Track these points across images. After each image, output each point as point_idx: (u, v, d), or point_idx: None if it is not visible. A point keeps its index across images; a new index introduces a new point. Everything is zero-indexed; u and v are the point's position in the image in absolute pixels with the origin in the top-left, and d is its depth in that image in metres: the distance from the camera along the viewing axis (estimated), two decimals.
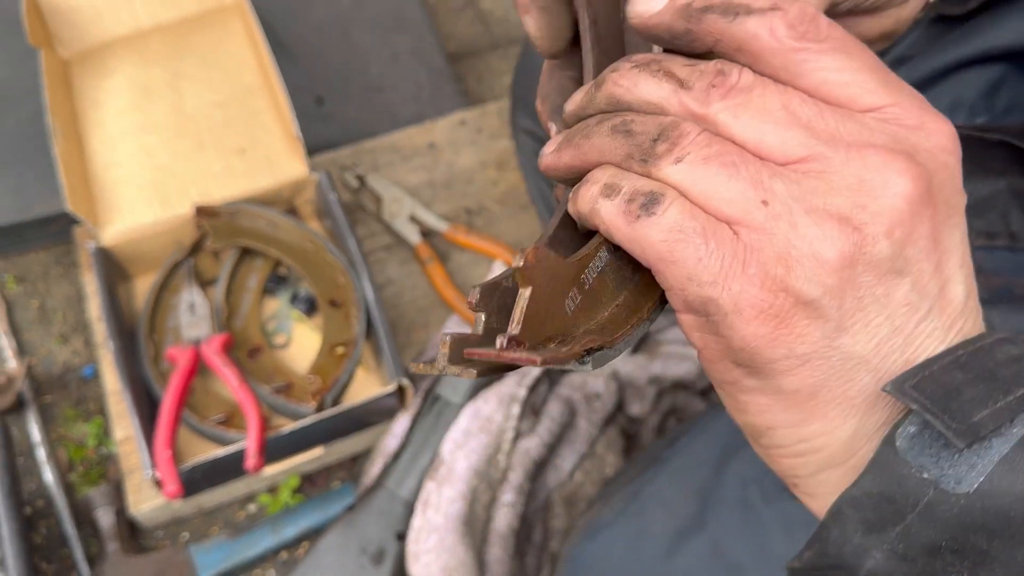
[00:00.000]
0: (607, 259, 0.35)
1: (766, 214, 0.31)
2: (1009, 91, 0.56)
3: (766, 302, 0.31)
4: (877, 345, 0.32)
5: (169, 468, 0.79)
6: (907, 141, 0.33)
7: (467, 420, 0.85)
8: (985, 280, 0.55)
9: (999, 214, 0.56)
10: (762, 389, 0.33)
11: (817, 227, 0.30)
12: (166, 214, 0.94)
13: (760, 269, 0.31)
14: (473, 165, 1.08)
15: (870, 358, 0.32)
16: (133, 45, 1.05)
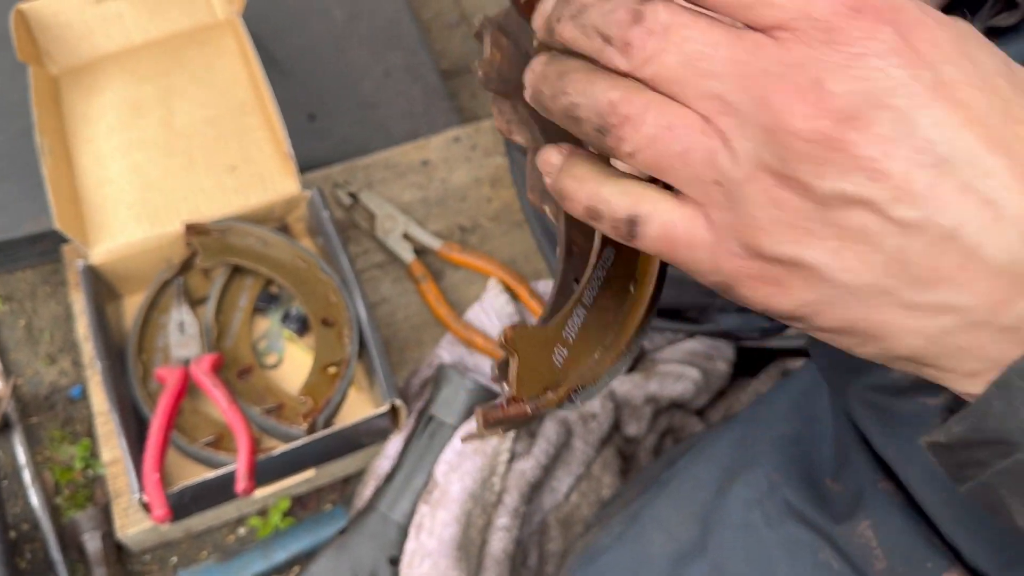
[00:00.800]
0: (584, 315, 0.39)
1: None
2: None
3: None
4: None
5: (157, 491, 0.78)
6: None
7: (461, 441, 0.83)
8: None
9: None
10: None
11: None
12: (156, 232, 0.93)
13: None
14: (467, 182, 1.07)
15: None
16: (124, 61, 1.04)
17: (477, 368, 0.94)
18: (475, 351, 0.95)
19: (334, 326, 0.90)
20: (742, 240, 0.30)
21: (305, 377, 0.89)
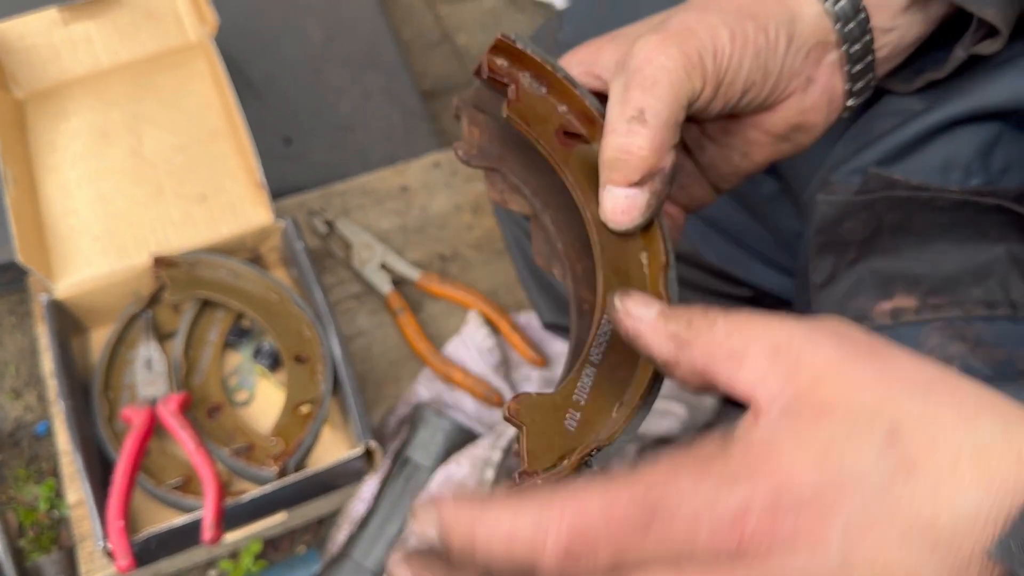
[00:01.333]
0: (594, 374, 0.38)
1: None
2: (1005, 150, 0.53)
3: None
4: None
5: (121, 539, 0.75)
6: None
7: (438, 485, 0.80)
8: (987, 353, 0.51)
9: (998, 282, 0.53)
10: None
11: None
12: (123, 264, 0.90)
13: None
14: (447, 209, 1.04)
15: None
16: (92, 86, 1.01)
17: (456, 405, 0.91)
18: (455, 387, 0.92)
19: (307, 362, 0.87)
20: None
21: (277, 415, 0.86)
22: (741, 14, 0.44)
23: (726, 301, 0.79)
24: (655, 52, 0.42)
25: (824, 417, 0.31)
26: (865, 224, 0.54)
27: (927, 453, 0.30)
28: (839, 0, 0.46)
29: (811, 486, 0.30)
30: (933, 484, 0.30)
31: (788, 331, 0.33)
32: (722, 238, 0.73)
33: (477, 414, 0.91)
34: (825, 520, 0.30)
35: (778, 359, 0.32)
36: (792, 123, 0.49)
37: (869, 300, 0.55)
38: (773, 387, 0.32)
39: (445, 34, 1.31)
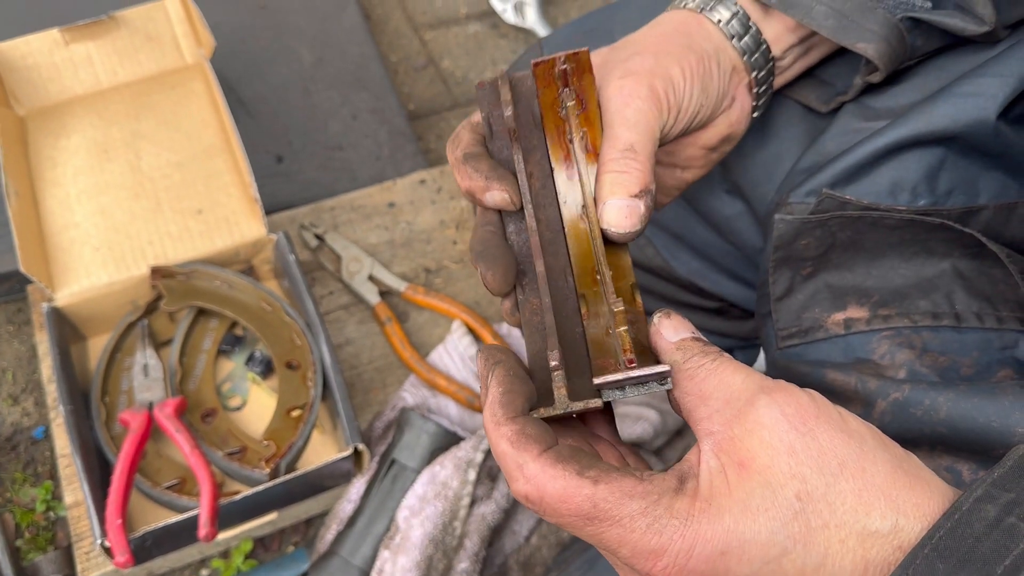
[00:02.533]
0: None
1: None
2: (949, 173, 0.58)
3: None
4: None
5: (119, 537, 0.78)
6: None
7: (423, 486, 0.84)
8: (932, 360, 0.56)
9: (943, 295, 0.58)
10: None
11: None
12: (121, 275, 0.94)
13: None
14: (433, 224, 1.09)
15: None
16: (92, 104, 1.05)
17: (440, 411, 0.96)
18: (439, 393, 0.97)
19: (298, 369, 0.91)
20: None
21: (268, 420, 0.90)
22: (684, 50, 0.53)
23: (696, 312, 0.83)
24: (631, 96, 0.50)
25: (744, 471, 0.37)
26: (819, 241, 0.59)
27: (822, 529, 0.36)
28: (743, 37, 0.55)
29: (721, 547, 0.36)
30: (821, 557, 0.36)
31: (746, 385, 0.39)
32: (691, 254, 0.78)
33: (460, 419, 0.95)
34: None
35: (728, 406, 0.39)
36: (722, 136, 0.57)
37: (824, 311, 0.60)
38: (714, 426, 0.39)
39: (430, 58, 1.36)
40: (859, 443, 0.37)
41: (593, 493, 0.37)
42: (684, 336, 0.43)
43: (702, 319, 0.84)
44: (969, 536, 0.35)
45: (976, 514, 0.35)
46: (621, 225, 0.48)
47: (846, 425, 0.38)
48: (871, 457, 0.37)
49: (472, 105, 1.31)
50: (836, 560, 0.36)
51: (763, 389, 0.39)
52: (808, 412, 0.38)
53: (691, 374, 0.41)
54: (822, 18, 0.55)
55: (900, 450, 0.39)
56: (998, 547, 0.34)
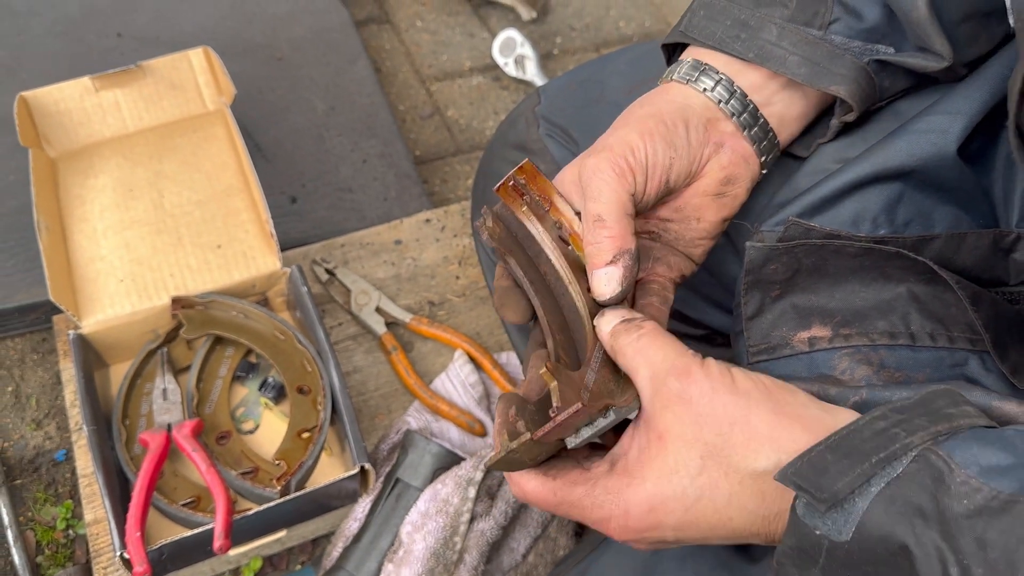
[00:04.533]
0: (594, 378, 0.51)
1: None
2: (907, 206, 0.63)
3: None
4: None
5: (138, 548, 0.83)
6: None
7: (425, 503, 0.89)
8: (888, 375, 0.61)
9: (900, 316, 0.63)
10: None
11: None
12: (144, 305, 0.99)
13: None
14: (437, 261, 1.15)
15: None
16: (118, 147, 1.13)
17: (442, 434, 1.01)
18: (441, 418, 1.02)
19: (309, 394, 0.97)
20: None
21: (280, 442, 0.95)
22: (645, 118, 0.60)
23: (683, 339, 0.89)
24: (595, 171, 0.58)
25: (661, 442, 0.48)
26: (786, 267, 0.64)
27: (723, 477, 0.47)
28: (714, 88, 0.62)
29: (648, 506, 0.48)
30: (727, 497, 0.47)
31: (664, 363, 0.50)
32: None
33: (461, 442, 1.00)
34: (659, 529, 0.49)
35: (650, 383, 0.50)
36: (720, 179, 0.62)
37: (790, 330, 0.65)
38: (644, 397, 0.50)
39: (436, 108, 1.44)
40: (745, 400, 0.47)
41: (553, 487, 0.51)
42: (615, 323, 0.53)
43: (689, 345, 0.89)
44: (858, 439, 0.44)
45: (868, 426, 0.44)
46: (602, 293, 0.56)
47: (736, 387, 0.48)
48: (755, 410, 0.47)
49: (474, 151, 1.39)
50: (738, 498, 0.47)
51: (673, 369, 0.49)
52: (705, 385, 0.48)
53: (622, 352, 0.52)
54: (796, 67, 0.61)
55: (786, 395, 0.48)
56: (877, 446, 0.43)
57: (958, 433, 0.44)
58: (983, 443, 0.43)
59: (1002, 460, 0.42)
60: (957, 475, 0.42)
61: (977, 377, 0.61)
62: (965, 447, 0.43)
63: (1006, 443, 0.43)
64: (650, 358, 0.50)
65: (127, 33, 1.37)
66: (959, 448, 0.43)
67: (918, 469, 0.42)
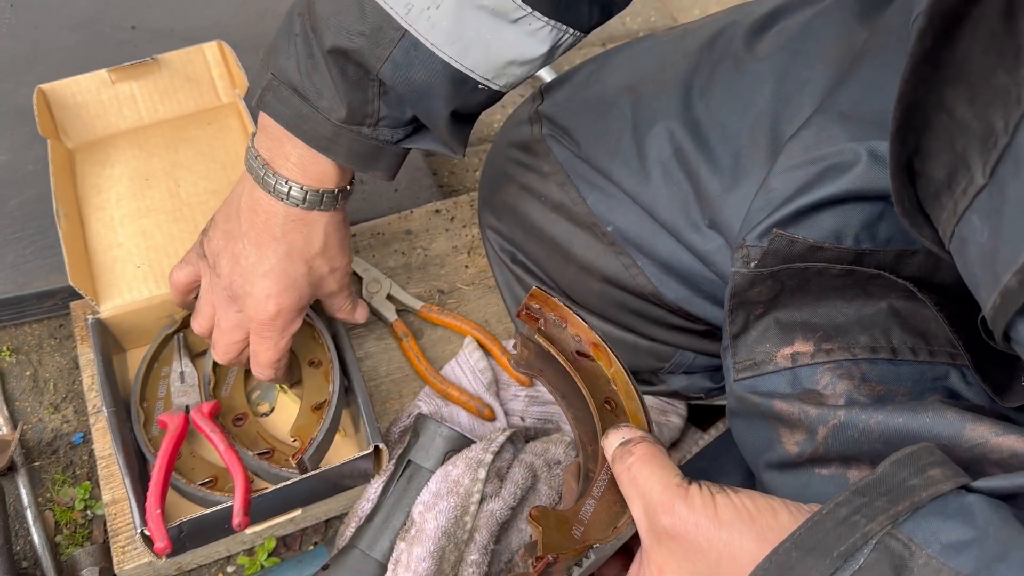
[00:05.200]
0: (595, 504, 0.57)
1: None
2: (887, 224, 0.63)
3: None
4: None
5: (159, 525, 0.85)
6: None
7: (436, 483, 0.91)
8: (869, 388, 0.63)
9: (881, 331, 0.64)
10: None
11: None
12: (161, 290, 1.02)
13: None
14: (447, 250, 1.17)
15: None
16: (134, 138, 1.15)
17: (452, 418, 1.03)
18: (451, 403, 1.04)
19: (320, 367, 0.99)
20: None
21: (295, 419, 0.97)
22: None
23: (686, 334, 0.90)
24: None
25: (662, 573, 0.51)
26: (771, 288, 0.65)
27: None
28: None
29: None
30: None
31: (653, 495, 0.52)
32: (678, 281, 0.84)
33: (471, 427, 1.02)
34: None
35: (645, 515, 0.53)
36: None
37: (773, 346, 0.66)
38: (641, 526, 0.54)
39: None
40: (728, 531, 0.49)
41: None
42: (615, 445, 0.57)
43: (691, 340, 0.90)
44: (821, 531, 0.45)
45: (831, 515, 0.45)
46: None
47: (719, 519, 0.50)
48: (739, 540, 0.49)
49: (483, 144, 1.41)
50: None
51: (660, 505, 0.52)
52: (690, 520, 0.50)
53: (620, 478, 0.55)
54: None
55: (768, 519, 0.50)
56: (839, 537, 0.44)
57: (920, 508, 0.45)
58: (943, 517, 0.44)
59: (962, 535, 0.42)
60: (918, 557, 0.42)
61: (958, 390, 0.62)
62: (926, 525, 0.44)
63: (967, 515, 0.43)
64: (640, 489, 0.54)
65: (141, 26, 1.39)
66: (920, 527, 0.44)
67: (878, 559, 0.43)
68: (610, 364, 0.65)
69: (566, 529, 0.54)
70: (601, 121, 0.85)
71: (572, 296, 0.93)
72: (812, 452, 0.62)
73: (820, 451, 0.61)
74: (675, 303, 0.84)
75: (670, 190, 0.77)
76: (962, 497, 0.45)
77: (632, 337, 0.92)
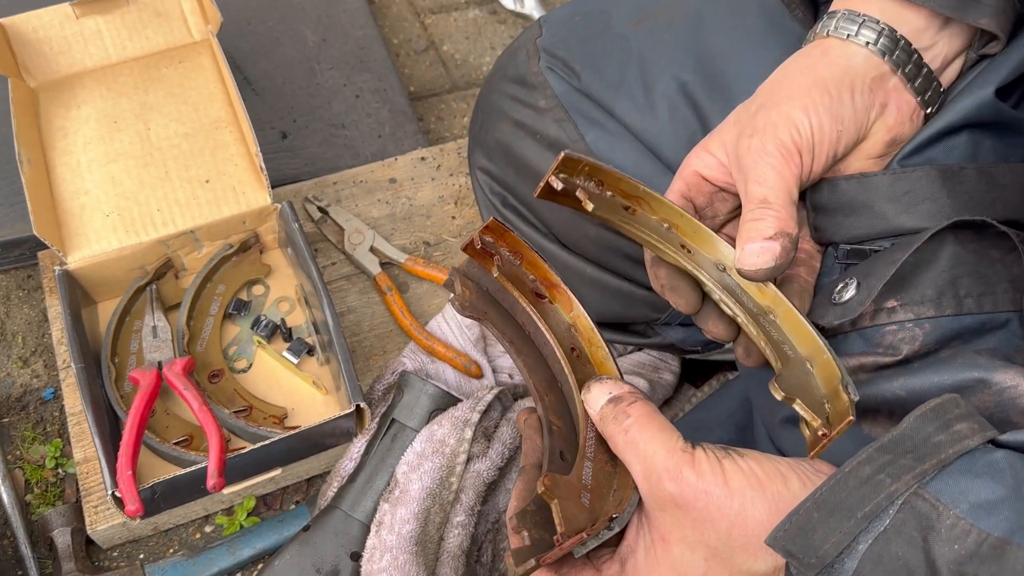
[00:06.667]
0: (592, 467, 0.52)
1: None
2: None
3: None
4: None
5: (130, 487, 0.81)
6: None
7: (421, 443, 0.88)
8: (927, 350, 0.58)
9: (948, 281, 0.60)
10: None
11: None
12: (131, 240, 0.97)
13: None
14: (432, 200, 1.12)
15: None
16: (102, 77, 1.08)
17: (438, 375, 0.99)
18: (437, 359, 1.00)
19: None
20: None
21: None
22: (806, 90, 0.56)
23: None
24: (759, 154, 0.55)
25: (665, 544, 0.49)
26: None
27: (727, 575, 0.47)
28: (877, 41, 0.57)
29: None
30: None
31: (656, 459, 0.49)
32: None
33: (457, 384, 0.99)
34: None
35: (646, 479, 0.49)
36: (885, 142, 0.59)
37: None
38: (642, 490, 0.50)
39: (431, 42, 1.40)
40: (740, 499, 0.47)
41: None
42: (602, 403, 0.52)
43: None
44: (843, 491, 0.43)
45: (854, 473, 0.43)
46: (751, 264, 0.53)
47: (728, 485, 0.47)
48: (750, 509, 0.46)
49: (471, 88, 1.35)
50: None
51: (666, 471, 0.48)
52: (699, 487, 0.47)
53: (612, 441, 0.51)
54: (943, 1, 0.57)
55: (779, 486, 0.47)
56: (863, 497, 0.42)
57: (947, 465, 0.43)
58: (971, 475, 0.42)
59: (991, 494, 0.41)
60: (946, 517, 0.41)
61: (1016, 336, 0.59)
62: (953, 483, 0.42)
63: (996, 472, 0.42)
64: (641, 453, 0.50)
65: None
66: (947, 486, 0.42)
67: (904, 520, 0.42)
68: (570, 307, 0.60)
69: (576, 498, 0.49)
70: (605, 53, 0.80)
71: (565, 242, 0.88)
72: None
73: None
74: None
75: (676, 126, 0.73)
76: (990, 453, 0.43)
77: (628, 286, 0.88)
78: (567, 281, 0.59)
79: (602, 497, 0.51)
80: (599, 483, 0.51)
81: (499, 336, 0.58)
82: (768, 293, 0.56)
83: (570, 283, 0.59)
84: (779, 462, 0.49)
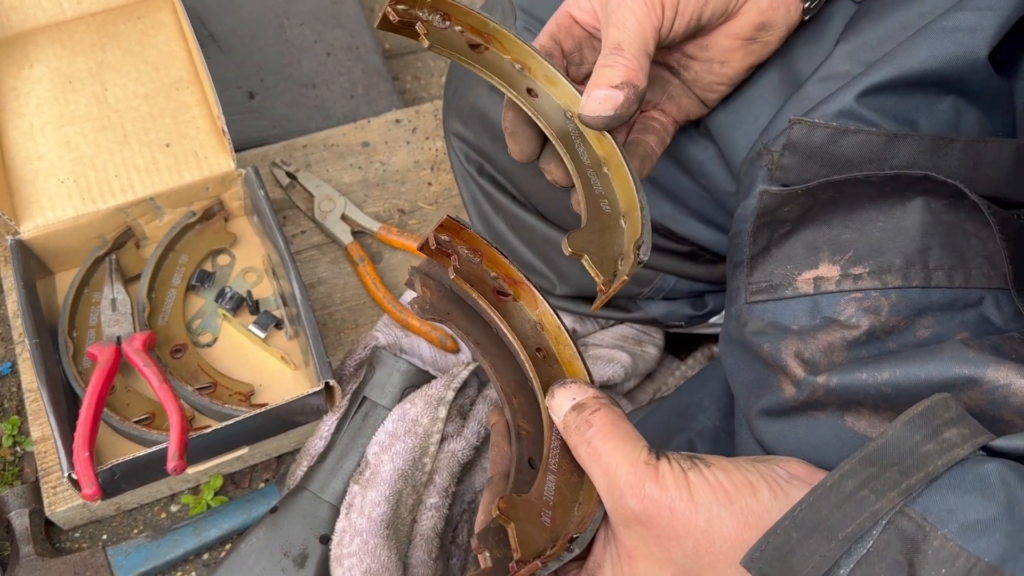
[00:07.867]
0: (555, 480, 0.49)
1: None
2: (924, 109, 0.58)
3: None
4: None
5: (87, 469, 0.78)
6: None
7: (393, 423, 0.84)
8: (895, 322, 0.56)
9: (917, 251, 0.57)
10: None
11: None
12: (88, 208, 0.92)
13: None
14: (407, 165, 1.08)
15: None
16: (56, 34, 1.03)
17: (412, 350, 0.96)
18: (411, 333, 0.96)
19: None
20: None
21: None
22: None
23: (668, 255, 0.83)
24: (623, 1, 0.53)
25: (632, 560, 0.46)
26: (801, 205, 0.59)
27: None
28: None
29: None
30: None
31: (618, 473, 0.46)
32: (663, 197, 0.77)
33: (432, 359, 0.95)
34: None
35: (610, 494, 0.47)
36: (755, 24, 0.58)
37: (795, 268, 0.60)
38: (607, 504, 0.47)
39: None
40: (706, 514, 0.44)
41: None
42: (565, 409, 0.50)
43: (674, 263, 0.84)
44: (824, 508, 0.40)
45: (836, 489, 0.40)
46: (592, 110, 0.52)
47: (694, 500, 0.44)
48: (717, 524, 0.44)
49: None
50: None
51: (628, 486, 0.45)
52: (663, 502, 0.45)
53: (578, 451, 0.48)
54: None
55: (748, 498, 0.45)
56: (845, 516, 0.40)
57: (935, 479, 0.40)
58: (961, 491, 0.39)
59: (981, 513, 0.38)
60: (933, 538, 0.38)
61: (991, 317, 0.57)
62: (942, 500, 0.39)
63: (986, 488, 0.39)
64: (604, 466, 0.47)
65: None
66: (935, 503, 0.39)
67: (888, 542, 0.39)
68: (535, 305, 0.57)
69: (536, 518, 0.47)
70: None
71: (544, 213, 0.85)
72: (810, 395, 0.56)
73: (819, 394, 0.55)
74: (659, 221, 0.78)
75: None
76: (981, 464, 0.40)
77: None
78: (545, 255, 0.56)
79: (566, 511, 0.48)
80: (563, 496, 0.49)
81: (464, 337, 0.55)
82: (606, 144, 0.55)
83: (549, 256, 0.56)
84: (749, 471, 0.46)
